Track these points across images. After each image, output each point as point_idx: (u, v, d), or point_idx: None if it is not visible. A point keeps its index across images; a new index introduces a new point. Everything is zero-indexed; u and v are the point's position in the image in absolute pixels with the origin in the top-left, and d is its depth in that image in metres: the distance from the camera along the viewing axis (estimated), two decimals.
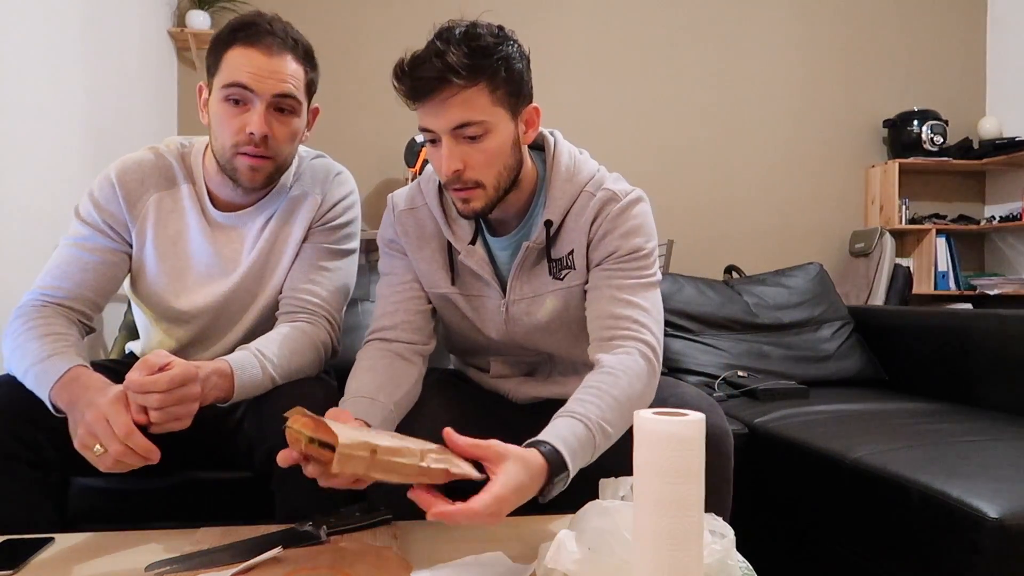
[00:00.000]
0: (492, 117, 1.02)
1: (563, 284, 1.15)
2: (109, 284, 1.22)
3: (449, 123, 1.01)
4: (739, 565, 0.77)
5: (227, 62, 1.12)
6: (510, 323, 1.19)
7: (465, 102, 1.00)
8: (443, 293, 1.20)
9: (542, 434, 0.91)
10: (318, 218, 1.27)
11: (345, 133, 3.39)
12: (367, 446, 0.79)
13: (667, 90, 3.66)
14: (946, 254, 3.67)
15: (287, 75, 1.13)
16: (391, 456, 0.80)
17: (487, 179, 1.05)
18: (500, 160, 1.06)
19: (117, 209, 1.21)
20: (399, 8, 3.42)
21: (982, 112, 3.85)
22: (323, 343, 1.22)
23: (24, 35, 1.73)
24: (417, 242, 1.20)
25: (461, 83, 0.98)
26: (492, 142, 1.04)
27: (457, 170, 1.03)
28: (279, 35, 1.13)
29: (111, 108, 2.26)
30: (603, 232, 1.12)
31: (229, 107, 1.13)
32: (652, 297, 1.11)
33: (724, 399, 1.97)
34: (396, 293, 1.22)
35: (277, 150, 1.17)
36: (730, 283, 2.47)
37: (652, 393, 1.06)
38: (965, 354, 1.96)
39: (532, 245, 1.14)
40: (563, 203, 1.13)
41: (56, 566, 0.88)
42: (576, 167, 1.16)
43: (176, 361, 0.96)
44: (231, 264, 1.25)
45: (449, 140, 1.02)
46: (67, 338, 1.10)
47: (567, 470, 0.88)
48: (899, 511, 1.24)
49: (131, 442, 0.90)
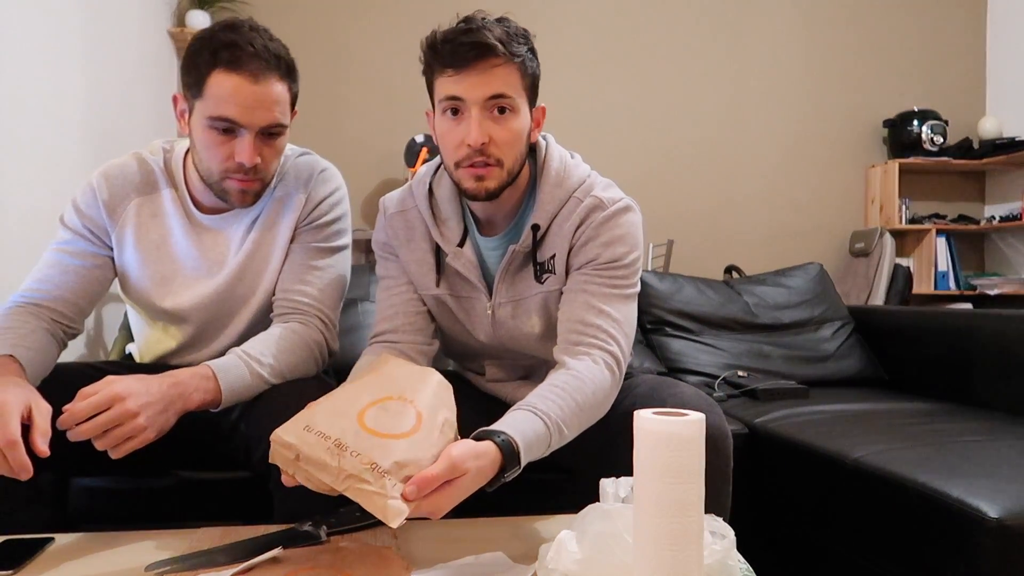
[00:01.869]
0: (520, 98, 1.07)
1: (543, 288, 1.15)
2: (93, 288, 1.22)
3: (486, 92, 1.03)
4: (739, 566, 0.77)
5: (211, 89, 1.09)
6: (496, 326, 1.20)
7: (505, 76, 1.04)
8: (433, 295, 1.21)
9: (499, 424, 0.91)
10: (304, 217, 1.27)
11: (345, 133, 3.39)
12: (293, 448, 0.81)
13: (667, 90, 3.66)
14: (946, 254, 3.67)
15: (274, 103, 1.11)
16: (310, 467, 0.80)
17: (507, 158, 1.07)
18: (520, 143, 1.09)
19: (97, 214, 1.22)
20: (399, 8, 3.42)
21: (982, 112, 3.85)
22: (316, 342, 1.22)
23: (24, 35, 1.73)
24: (407, 244, 1.21)
25: (503, 58, 1.02)
26: (516, 123, 1.07)
27: (484, 142, 1.04)
28: (262, 56, 1.10)
29: (111, 108, 2.26)
30: (585, 239, 1.12)
31: (216, 135, 1.11)
32: (626, 309, 1.11)
33: (724, 399, 1.97)
34: (394, 296, 1.22)
35: (266, 173, 1.17)
36: (730, 283, 2.47)
37: (610, 404, 1.07)
38: (965, 354, 1.96)
39: (518, 249, 1.14)
40: (551, 208, 1.14)
41: (56, 566, 0.88)
42: (566, 172, 1.16)
43: (99, 385, 0.94)
44: (217, 266, 1.25)
45: (479, 111, 1.03)
46: (15, 331, 1.07)
47: (518, 464, 0.88)
48: (899, 511, 1.24)
49: (8, 453, 0.86)
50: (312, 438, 0.81)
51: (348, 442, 0.81)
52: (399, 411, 0.87)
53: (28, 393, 0.93)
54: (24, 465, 0.87)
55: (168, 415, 1.00)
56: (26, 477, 0.88)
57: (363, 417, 0.84)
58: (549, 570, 0.76)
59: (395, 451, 0.81)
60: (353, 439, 0.81)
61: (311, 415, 0.85)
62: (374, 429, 0.83)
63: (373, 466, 0.79)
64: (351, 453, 0.80)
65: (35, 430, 0.89)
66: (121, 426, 0.93)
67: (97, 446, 0.93)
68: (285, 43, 1.17)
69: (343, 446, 0.80)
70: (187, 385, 1.03)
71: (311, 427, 0.82)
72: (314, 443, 0.81)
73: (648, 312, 2.29)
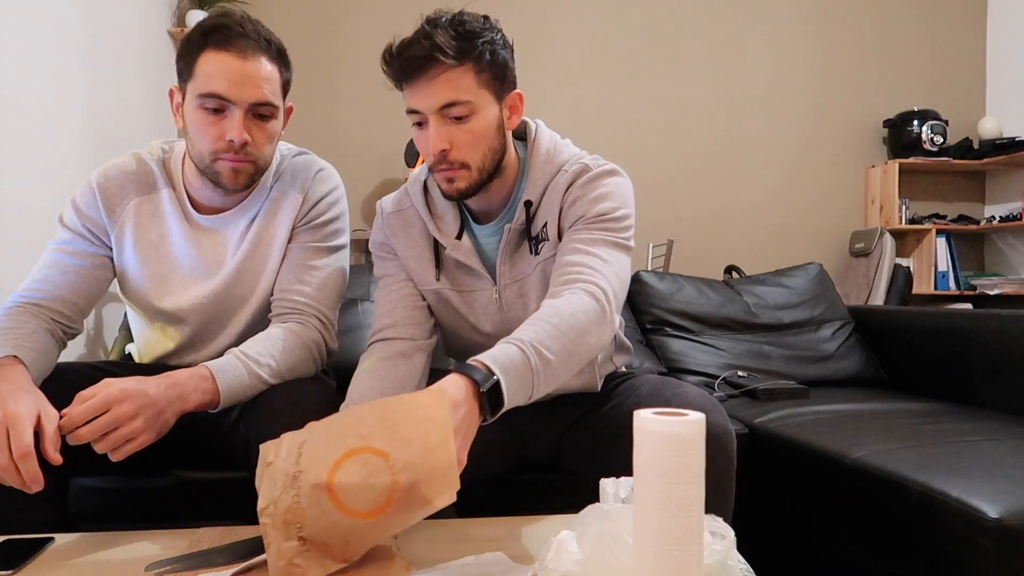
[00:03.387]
0: (477, 98, 1.06)
1: (540, 258, 1.15)
2: (92, 288, 1.22)
3: (436, 102, 1.04)
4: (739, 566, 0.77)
5: (201, 68, 1.10)
6: (504, 310, 1.20)
7: (451, 82, 1.03)
8: (434, 289, 1.22)
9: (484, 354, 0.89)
10: (301, 217, 1.27)
11: (345, 134, 3.39)
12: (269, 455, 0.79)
13: (667, 91, 3.66)
14: (946, 254, 3.67)
15: (263, 80, 1.12)
16: (266, 480, 0.78)
17: (472, 160, 1.08)
18: (485, 142, 1.08)
19: (97, 214, 1.22)
20: (399, 8, 3.42)
21: (982, 112, 3.85)
22: (314, 342, 1.22)
23: (24, 35, 1.73)
24: (406, 241, 1.23)
25: (448, 63, 1.02)
26: (477, 123, 1.06)
27: (444, 150, 1.06)
28: (251, 36, 1.11)
29: (111, 108, 2.26)
30: (573, 199, 1.12)
31: (206, 115, 1.12)
32: (615, 254, 1.08)
33: (724, 399, 1.97)
34: (392, 293, 1.23)
35: (257, 154, 1.17)
36: (730, 283, 2.47)
37: (602, 335, 1.01)
38: (965, 354, 1.96)
39: (513, 227, 1.15)
40: (541, 183, 1.15)
41: (56, 566, 0.88)
42: (556, 150, 1.18)
43: (97, 388, 0.94)
44: (215, 266, 1.25)
45: (436, 120, 1.05)
46: (17, 331, 1.07)
47: (493, 375, 0.85)
48: (899, 511, 1.24)
49: (22, 464, 0.87)
50: (291, 456, 0.78)
51: (304, 482, 0.75)
52: (376, 480, 0.75)
53: (37, 400, 0.93)
54: (36, 478, 0.88)
55: (167, 416, 1.00)
56: (37, 489, 0.88)
57: (340, 465, 0.76)
58: (549, 570, 0.76)
59: (330, 526, 0.75)
60: (311, 484, 0.75)
61: (318, 432, 0.80)
62: (336, 491, 0.75)
63: (299, 527, 0.76)
64: (293, 496, 0.75)
65: (46, 439, 0.90)
66: (119, 429, 0.93)
67: (97, 449, 0.93)
68: (285, 43, 1.18)
69: (296, 483, 0.76)
70: (185, 386, 1.03)
71: (305, 444, 0.78)
72: (285, 461, 0.77)
73: (648, 312, 2.29)
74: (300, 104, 1.23)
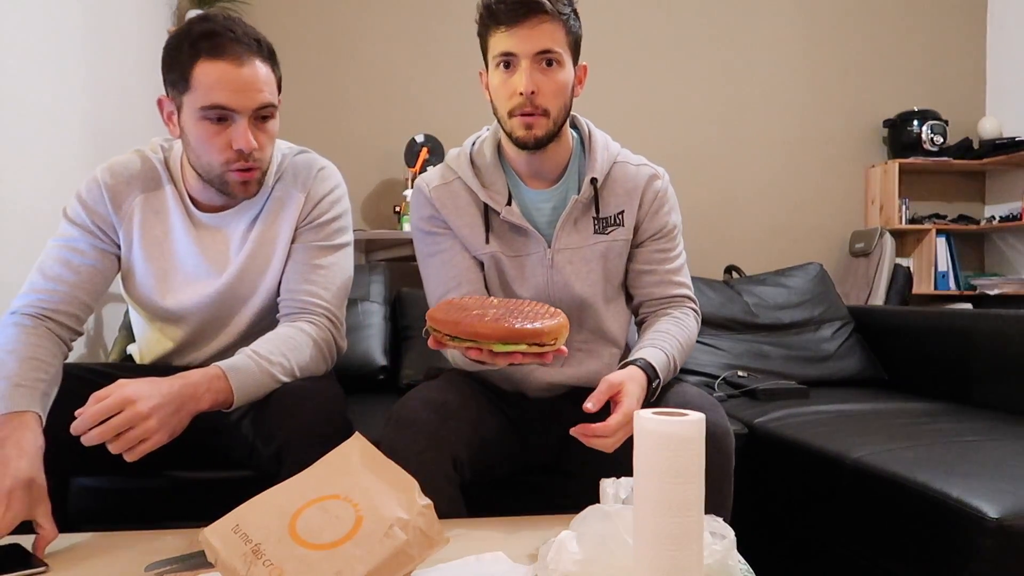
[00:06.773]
0: (565, 53, 1.18)
1: (607, 238, 1.27)
2: (99, 284, 1.22)
3: (534, 47, 1.14)
4: (739, 566, 0.77)
5: (199, 80, 1.09)
6: (554, 274, 1.26)
7: (551, 32, 1.15)
8: (487, 252, 1.26)
9: (636, 354, 1.15)
10: (304, 216, 1.27)
11: (345, 133, 3.38)
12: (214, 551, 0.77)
13: (667, 90, 3.66)
14: (946, 254, 3.67)
15: (262, 83, 1.12)
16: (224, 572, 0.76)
17: (553, 108, 1.18)
18: (564, 95, 1.19)
19: (104, 210, 1.22)
20: (399, 8, 3.41)
21: (982, 112, 3.85)
22: (325, 341, 1.22)
23: (25, 35, 1.73)
24: (455, 211, 1.27)
25: (551, 14, 1.14)
26: (562, 76, 1.18)
27: (533, 92, 1.15)
28: (243, 40, 1.11)
29: (111, 108, 2.26)
30: (655, 208, 1.30)
31: (210, 126, 1.12)
32: (686, 268, 1.37)
33: (724, 399, 1.97)
34: (452, 267, 1.27)
35: (263, 158, 1.17)
36: (730, 283, 2.47)
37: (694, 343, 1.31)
38: (965, 354, 1.96)
39: (580, 199, 1.25)
40: (602, 166, 1.27)
41: (56, 566, 0.88)
42: (606, 141, 1.32)
43: (111, 389, 0.95)
44: (218, 265, 1.25)
45: (529, 64, 1.14)
46: (45, 372, 1.06)
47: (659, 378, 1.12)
48: (899, 511, 1.24)
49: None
50: (234, 541, 0.77)
51: (267, 549, 0.75)
52: (339, 513, 0.78)
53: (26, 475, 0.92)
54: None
55: (180, 416, 1.00)
56: None
57: (296, 519, 0.78)
58: (549, 570, 0.76)
59: (314, 565, 0.74)
60: (274, 546, 0.76)
61: (246, 511, 0.81)
62: (302, 536, 0.76)
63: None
64: (264, 563, 0.74)
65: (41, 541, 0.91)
66: (133, 429, 0.94)
67: (111, 449, 0.93)
68: (286, 42, 1.17)
69: (260, 553, 0.75)
70: (198, 386, 1.03)
71: (239, 527, 0.79)
72: (233, 547, 0.77)
73: None
74: (301, 104, 1.23)
